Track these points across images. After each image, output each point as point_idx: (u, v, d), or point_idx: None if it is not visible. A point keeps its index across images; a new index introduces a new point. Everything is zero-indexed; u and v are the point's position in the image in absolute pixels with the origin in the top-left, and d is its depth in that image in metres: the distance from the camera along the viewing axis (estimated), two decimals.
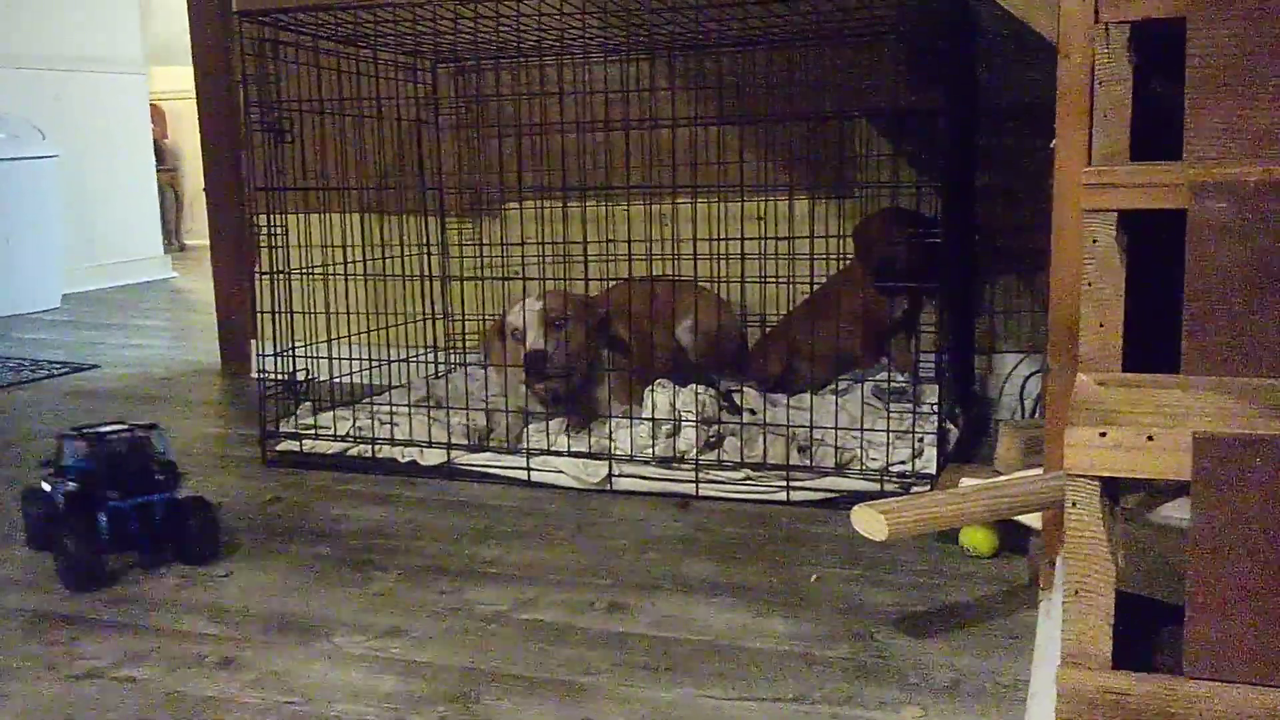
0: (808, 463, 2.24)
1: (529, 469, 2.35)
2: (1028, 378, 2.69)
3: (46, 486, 1.97)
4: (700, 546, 1.99)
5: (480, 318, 2.94)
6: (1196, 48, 1.17)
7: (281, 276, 2.56)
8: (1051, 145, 1.52)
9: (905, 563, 1.87)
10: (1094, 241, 1.25)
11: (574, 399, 2.52)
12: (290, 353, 2.60)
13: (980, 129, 2.72)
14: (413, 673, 1.53)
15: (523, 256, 2.97)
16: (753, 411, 2.47)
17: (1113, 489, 1.06)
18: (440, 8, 2.39)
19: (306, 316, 2.63)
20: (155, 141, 6.66)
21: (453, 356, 3.17)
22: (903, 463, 2.20)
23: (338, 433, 2.56)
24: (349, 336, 2.77)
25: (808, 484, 2.19)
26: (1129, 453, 1.01)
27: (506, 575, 1.87)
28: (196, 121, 3.63)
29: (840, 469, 2.22)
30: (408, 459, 2.46)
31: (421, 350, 3.05)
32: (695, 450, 2.29)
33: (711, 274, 2.66)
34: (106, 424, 1.98)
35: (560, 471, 2.33)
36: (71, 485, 1.91)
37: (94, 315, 5.05)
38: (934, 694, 1.44)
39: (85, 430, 1.95)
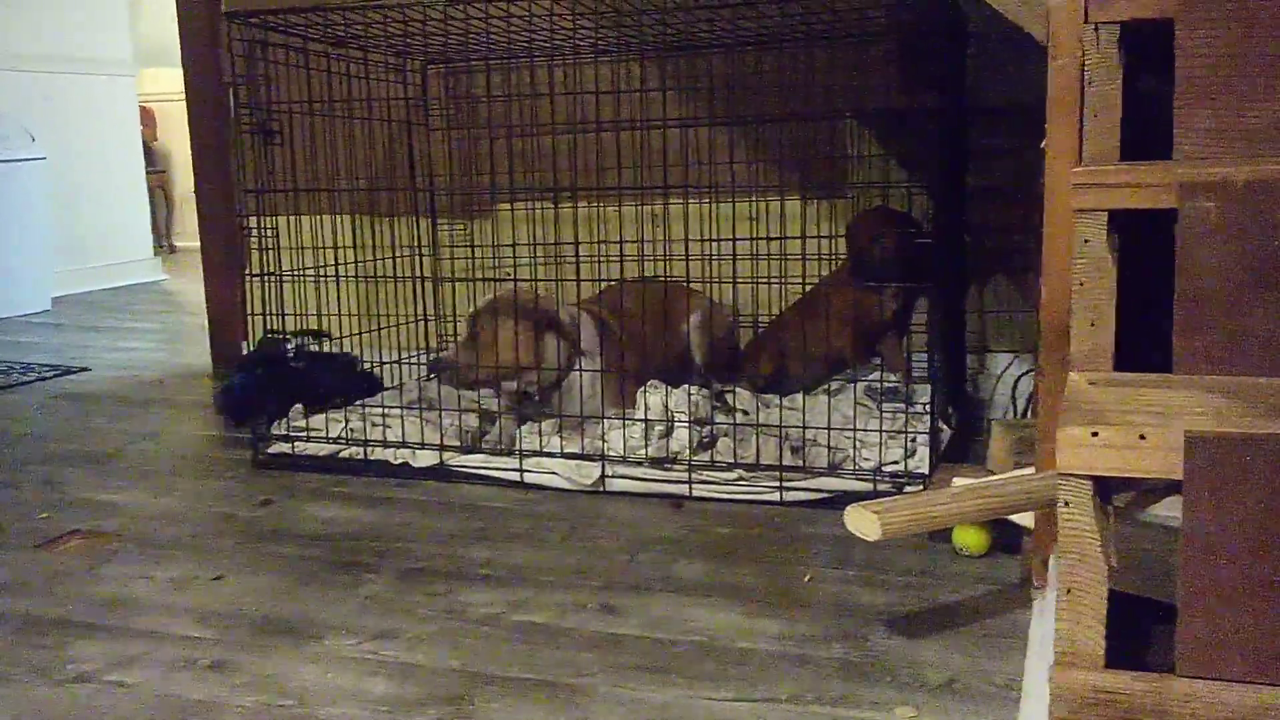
0: (801, 463, 2.24)
1: (522, 470, 2.35)
2: (1020, 377, 2.69)
3: None
4: (693, 547, 1.99)
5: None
6: (1185, 48, 1.17)
7: (272, 278, 2.55)
8: (1042, 146, 1.52)
9: (898, 563, 1.87)
10: (1085, 242, 1.25)
11: (521, 398, 2.56)
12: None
13: (971, 129, 2.72)
14: (405, 675, 1.52)
15: (514, 257, 2.96)
16: (745, 412, 2.47)
17: (1105, 488, 1.07)
18: (430, 9, 2.38)
19: (297, 319, 2.62)
20: (145, 143, 6.64)
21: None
22: (895, 463, 2.20)
23: (329, 435, 2.55)
24: (340, 338, 2.77)
25: (801, 484, 2.19)
26: (1121, 452, 1.01)
27: (499, 577, 1.87)
28: (186, 123, 3.62)
29: (833, 469, 2.22)
30: (400, 461, 2.45)
31: (413, 352, 3.05)
32: (688, 451, 2.29)
33: (703, 274, 2.66)
34: (290, 333, 2.72)
35: (553, 473, 2.33)
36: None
37: (84, 318, 5.04)
38: (927, 693, 1.44)
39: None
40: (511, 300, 2.47)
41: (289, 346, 2.81)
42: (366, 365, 2.93)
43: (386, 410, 2.60)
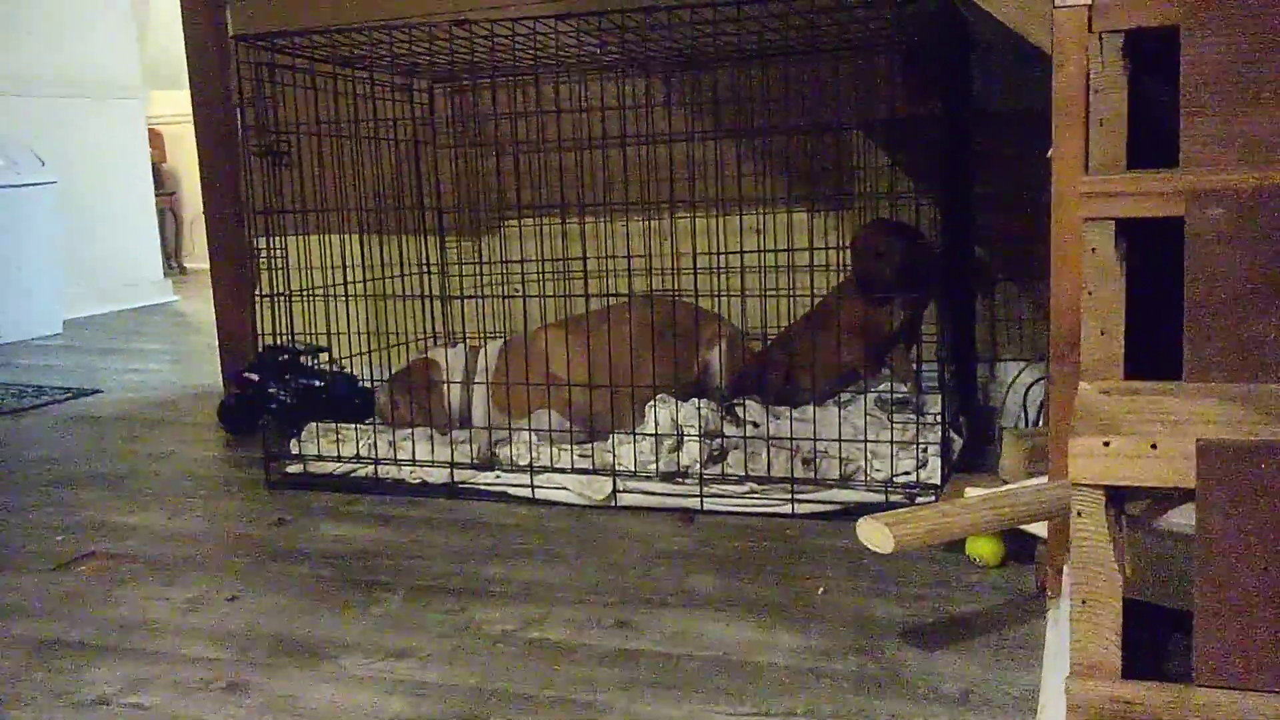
0: (812, 475, 2.24)
1: (533, 486, 2.35)
2: (1030, 386, 2.69)
3: None
4: (706, 561, 1.98)
5: (481, 336, 2.94)
6: (1190, 56, 1.17)
7: (282, 299, 2.56)
8: (1048, 154, 1.52)
9: (912, 574, 1.87)
10: (1093, 250, 1.25)
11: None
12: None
13: (977, 138, 2.72)
14: (420, 694, 1.52)
15: (522, 274, 2.97)
16: (755, 424, 2.47)
17: (1118, 496, 1.06)
18: (436, 29, 2.40)
19: (308, 338, 2.63)
20: (154, 165, 6.68)
21: None
22: (907, 473, 2.20)
23: (341, 454, 2.56)
24: (350, 357, 2.77)
25: (812, 496, 2.19)
26: (1133, 461, 1.01)
27: (513, 594, 1.87)
28: (194, 145, 3.64)
29: (845, 481, 2.22)
30: (417, 479, 2.46)
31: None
32: (698, 464, 2.29)
33: (711, 288, 2.66)
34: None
35: (565, 489, 2.33)
36: None
37: (95, 340, 5.06)
38: (944, 705, 1.43)
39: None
40: (406, 373, 2.71)
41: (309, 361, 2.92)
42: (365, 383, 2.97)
43: (397, 429, 2.60)
